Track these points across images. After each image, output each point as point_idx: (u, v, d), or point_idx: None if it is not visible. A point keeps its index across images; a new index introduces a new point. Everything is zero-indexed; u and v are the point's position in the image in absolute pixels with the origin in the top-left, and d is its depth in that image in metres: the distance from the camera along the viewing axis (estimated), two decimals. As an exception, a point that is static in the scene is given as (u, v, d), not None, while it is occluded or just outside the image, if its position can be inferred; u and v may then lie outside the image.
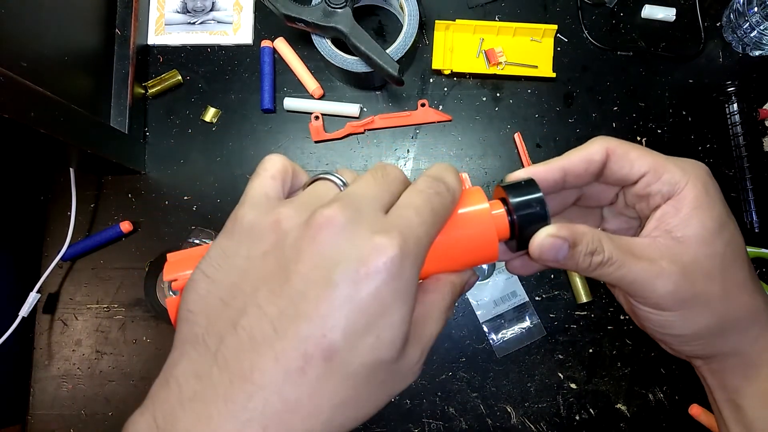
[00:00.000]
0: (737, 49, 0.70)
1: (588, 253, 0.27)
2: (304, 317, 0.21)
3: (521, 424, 0.64)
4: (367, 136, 0.71)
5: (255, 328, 0.21)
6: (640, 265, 0.27)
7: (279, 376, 0.20)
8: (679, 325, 0.28)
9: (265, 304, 0.21)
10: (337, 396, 0.21)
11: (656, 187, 0.29)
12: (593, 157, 0.29)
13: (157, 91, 0.71)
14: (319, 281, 0.21)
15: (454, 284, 0.27)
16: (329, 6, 0.63)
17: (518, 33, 0.70)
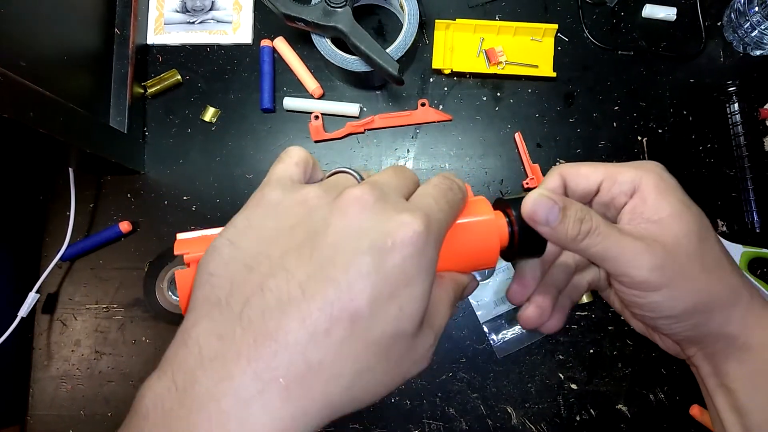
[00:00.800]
0: (738, 49, 0.70)
1: (577, 220, 0.28)
2: (333, 281, 0.21)
3: (522, 425, 0.64)
4: (367, 136, 0.70)
5: (282, 290, 0.21)
6: (627, 238, 0.28)
7: (304, 336, 0.21)
8: (667, 305, 0.29)
9: (293, 268, 0.22)
10: (358, 362, 0.22)
11: (616, 189, 0.30)
12: (551, 187, 0.31)
13: (156, 90, 0.71)
14: (347, 249, 0.22)
15: (457, 283, 0.29)
16: (329, 5, 0.63)
17: (519, 32, 0.70)
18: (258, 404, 0.20)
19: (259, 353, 0.20)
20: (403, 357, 0.24)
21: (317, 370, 0.21)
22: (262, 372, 0.20)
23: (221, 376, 0.20)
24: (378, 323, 0.22)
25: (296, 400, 0.21)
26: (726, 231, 0.66)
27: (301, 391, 0.21)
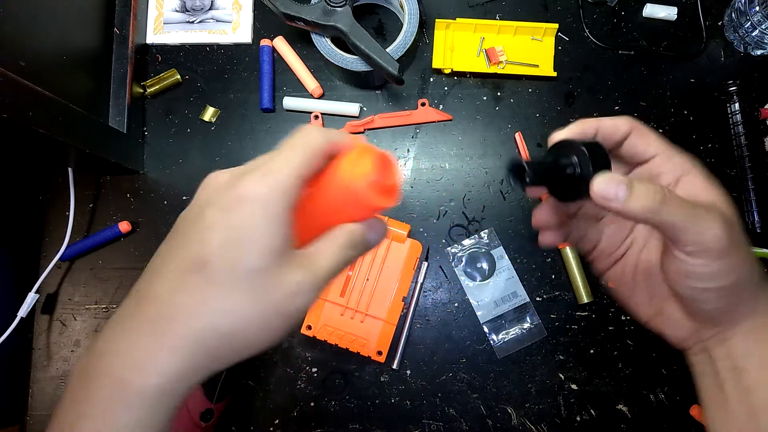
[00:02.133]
0: (739, 49, 0.70)
1: (649, 191, 0.30)
2: (183, 245, 0.29)
3: (522, 425, 0.64)
4: (367, 136, 0.70)
5: (154, 264, 0.30)
6: (699, 207, 0.30)
7: (166, 289, 0.28)
8: (725, 273, 0.31)
9: (167, 247, 0.31)
10: (215, 301, 0.27)
11: (667, 167, 0.34)
12: (620, 126, 0.34)
13: (155, 90, 0.70)
14: (203, 216, 0.29)
15: (346, 231, 0.31)
16: (329, 4, 0.63)
17: (519, 32, 0.69)
18: (137, 340, 0.27)
19: (140, 310, 0.28)
20: (267, 291, 0.28)
21: (178, 312, 0.27)
22: (143, 324, 0.27)
23: (116, 336, 0.28)
24: (227, 265, 0.27)
25: (162, 335, 0.27)
26: (726, 231, 0.66)
27: (167, 328, 0.27)
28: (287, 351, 0.66)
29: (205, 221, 0.28)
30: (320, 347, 0.66)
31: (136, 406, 0.27)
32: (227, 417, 0.64)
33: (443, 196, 0.69)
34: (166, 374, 0.27)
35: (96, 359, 0.28)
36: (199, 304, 0.27)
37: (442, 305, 0.66)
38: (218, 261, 0.27)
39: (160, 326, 0.27)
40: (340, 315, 0.63)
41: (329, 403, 0.65)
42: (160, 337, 0.27)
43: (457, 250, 0.67)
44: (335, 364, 0.65)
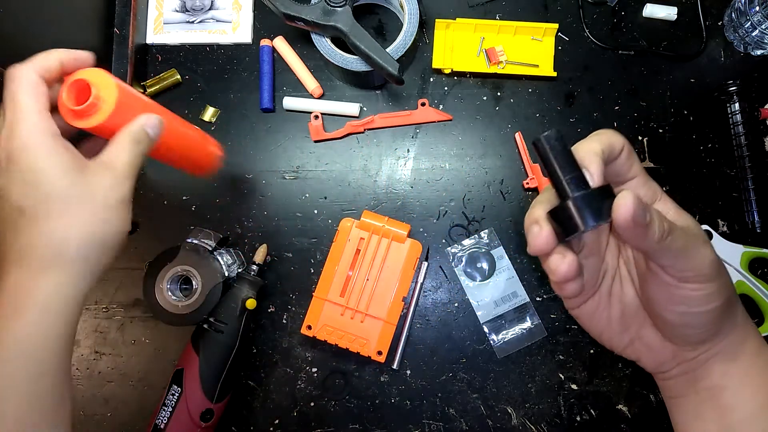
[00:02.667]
0: (739, 49, 0.70)
1: (660, 219, 0.29)
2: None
3: (522, 425, 0.64)
4: (367, 136, 0.70)
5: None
6: (688, 234, 0.30)
7: (9, 242, 0.35)
8: (716, 295, 0.31)
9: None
10: (49, 229, 0.35)
11: (643, 191, 0.34)
12: (615, 145, 0.33)
13: (155, 90, 0.70)
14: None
15: (131, 131, 0.40)
16: (329, 4, 0.63)
17: (519, 32, 0.69)
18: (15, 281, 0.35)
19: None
20: (90, 197, 0.36)
21: (30, 249, 0.35)
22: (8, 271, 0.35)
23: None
24: (39, 199, 0.34)
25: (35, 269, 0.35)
26: (727, 231, 0.66)
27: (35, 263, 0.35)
28: (287, 351, 0.66)
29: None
30: (320, 347, 0.66)
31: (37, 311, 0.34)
32: (227, 417, 0.64)
33: (443, 196, 0.69)
34: (52, 294, 0.34)
35: None
36: (41, 235, 0.34)
37: (442, 305, 0.66)
38: (30, 202, 0.34)
39: (27, 264, 0.34)
40: (340, 315, 0.63)
41: (329, 403, 0.65)
42: (34, 271, 0.34)
43: (457, 250, 0.67)
44: (335, 364, 0.65)
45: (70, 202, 0.35)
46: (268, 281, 0.67)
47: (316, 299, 0.63)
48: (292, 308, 0.67)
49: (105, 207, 0.37)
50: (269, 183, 0.70)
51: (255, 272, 0.63)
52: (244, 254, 0.67)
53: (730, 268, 0.64)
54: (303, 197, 0.69)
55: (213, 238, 0.64)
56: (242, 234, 0.68)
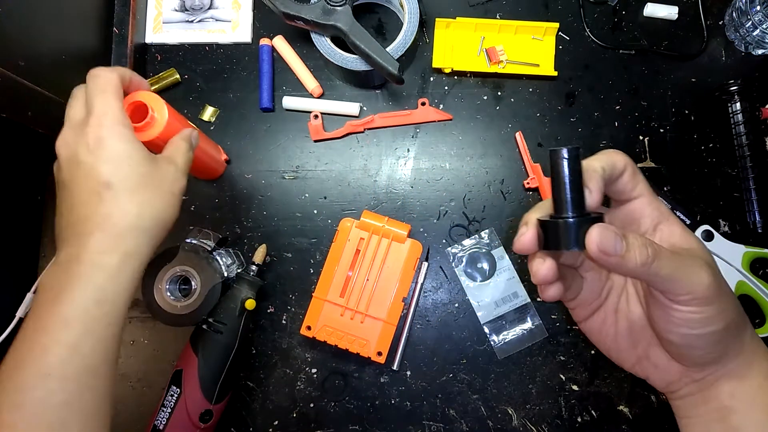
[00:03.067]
0: (740, 48, 0.69)
1: (642, 245, 0.29)
2: (82, 185, 0.43)
3: (522, 426, 0.63)
4: (367, 135, 0.70)
5: (65, 215, 0.44)
6: (686, 257, 0.31)
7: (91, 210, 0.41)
8: (716, 318, 0.31)
9: (67, 203, 0.45)
10: (130, 202, 0.42)
11: (648, 211, 0.34)
12: (617, 164, 0.33)
13: (155, 89, 0.70)
14: (70, 173, 0.44)
15: (184, 136, 0.50)
16: (329, 4, 0.62)
17: (519, 31, 0.69)
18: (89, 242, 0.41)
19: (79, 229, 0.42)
20: (158, 183, 0.44)
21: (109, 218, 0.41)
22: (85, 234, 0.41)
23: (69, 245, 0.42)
24: (125, 177, 0.42)
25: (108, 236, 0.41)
26: (728, 231, 0.66)
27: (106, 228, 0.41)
28: (287, 352, 0.65)
29: (85, 167, 0.41)
30: (320, 348, 0.65)
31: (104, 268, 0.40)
32: (226, 418, 0.64)
33: (443, 196, 0.68)
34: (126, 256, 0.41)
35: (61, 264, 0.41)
36: (121, 207, 0.41)
37: (443, 306, 0.66)
38: (117, 179, 0.41)
39: (109, 229, 0.41)
40: (340, 315, 0.63)
41: (329, 404, 0.64)
42: (113, 236, 0.40)
43: (457, 250, 0.67)
44: (335, 365, 0.65)
45: (147, 184, 0.42)
46: (268, 281, 0.67)
47: (315, 300, 0.63)
48: (292, 309, 0.67)
49: (170, 193, 0.44)
50: (269, 183, 0.69)
51: (254, 272, 0.63)
52: (243, 254, 0.67)
53: (731, 268, 0.64)
54: (302, 197, 0.69)
55: (212, 239, 0.64)
56: (241, 234, 0.68)
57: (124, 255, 0.40)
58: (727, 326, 0.32)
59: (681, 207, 0.65)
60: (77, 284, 0.39)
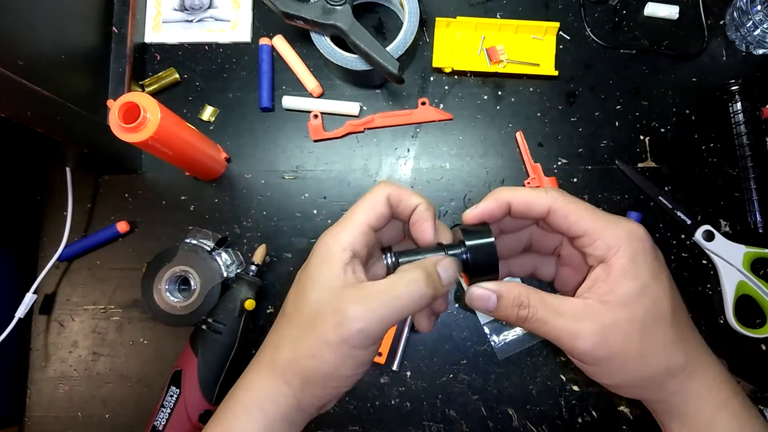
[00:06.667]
0: (741, 48, 0.69)
1: (514, 306, 0.32)
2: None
3: (523, 427, 0.63)
4: (367, 135, 0.70)
5: None
6: (563, 324, 0.31)
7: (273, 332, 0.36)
8: (601, 377, 0.32)
9: None
10: (290, 339, 0.34)
11: (590, 250, 0.32)
12: (534, 207, 0.33)
13: (154, 89, 0.70)
14: None
15: (422, 266, 0.33)
16: (328, 3, 0.62)
17: (520, 30, 0.69)
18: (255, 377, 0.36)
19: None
20: (323, 326, 0.32)
21: (276, 351, 0.34)
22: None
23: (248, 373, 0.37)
24: (295, 308, 0.34)
25: (271, 374, 0.34)
26: (729, 231, 0.66)
27: (271, 367, 0.34)
28: (286, 352, 0.65)
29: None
30: (320, 348, 0.65)
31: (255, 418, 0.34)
32: (226, 418, 0.64)
33: (444, 196, 0.68)
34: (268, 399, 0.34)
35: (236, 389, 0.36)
36: (286, 342, 0.34)
37: (443, 306, 0.66)
38: (289, 307, 0.34)
39: (267, 367, 0.35)
40: (340, 316, 0.63)
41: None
42: (270, 374, 0.34)
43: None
44: (335, 365, 0.65)
45: (309, 325, 0.33)
46: (267, 282, 0.67)
47: (315, 300, 0.63)
48: (292, 309, 0.66)
49: (324, 342, 0.32)
50: (268, 183, 0.69)
51: (254, 273, 0.63)
52: (242, 254, 0.67)
53: (731, 269, 0.64)
54: (302, 197, 0.69)
55: (212, 239, 0.64)
56: (241, 234, 0.68)
57: (260, 393, 0.36)
58: (622, 383, 0.32)
59: (682, 207, 0.65)
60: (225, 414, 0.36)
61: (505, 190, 0.34)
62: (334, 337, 0.31)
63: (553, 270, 0.39)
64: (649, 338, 0.31)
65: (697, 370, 0.33)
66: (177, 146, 0.58)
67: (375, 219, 0.34)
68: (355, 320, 0.30)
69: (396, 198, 0.34)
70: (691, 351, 0.33)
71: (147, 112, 0.51)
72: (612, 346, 0.31)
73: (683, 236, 0.66)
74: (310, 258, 0.34)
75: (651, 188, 0.66)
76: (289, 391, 0.33)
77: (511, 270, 0.40)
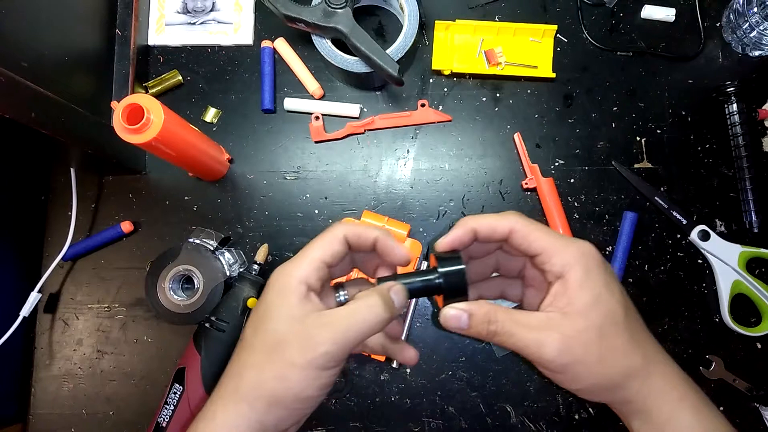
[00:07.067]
0: (737, 50, 0.70)
1: (484, 322, 0.34)
2: None
3: (521, 423, 0.64)
4: (367, 137, 0.71)
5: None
6: (530, 335, 0.34)
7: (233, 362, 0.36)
8: (568, 382, 0.35)
9: None
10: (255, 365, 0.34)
11: (548, 267, 0.35)
12: (497, 229, 0.36)
13: (157, 91, 0.71)
14: None
15: (370, 293, 0.36)
16: (329, 6, 0.63)
17: (518, 33, 0.70)
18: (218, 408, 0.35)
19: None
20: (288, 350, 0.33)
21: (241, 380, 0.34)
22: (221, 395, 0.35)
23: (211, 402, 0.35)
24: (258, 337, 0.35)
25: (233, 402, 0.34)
26: (724, 231, 0.67)
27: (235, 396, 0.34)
28: (288, 350, 0.66)
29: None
30: (321, 346, 0.66)
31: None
32: (228, 415, 0.64)
33: (443, 197, 0.69)
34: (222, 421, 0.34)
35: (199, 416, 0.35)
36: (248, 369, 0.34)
37: (442, 304, 0.67)
38: (249, 338, 0.35)
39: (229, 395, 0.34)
40: (341, 314, 0.63)
41: (329, 401, 0.65)
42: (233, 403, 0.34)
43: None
44: (336, 363, 0.66)
45: (270, 350, 0.34)
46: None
47: (316, 299, 0.64)
48: (293, 307, 0.67)
49: (290, 364, 0.33)
50: (270, 183, 0.70)
51: (256, 272, 0.63)
52: (245, 254, 0.68)
53: (727, 268, 0.64)
54: (304, 197, 0.70)
55: (214, 238, 0.65)
56: (243, 234, 0.69)
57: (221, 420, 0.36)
58: (586, 388, 0.34)
59: (677, 207, 0.66)
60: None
61: (470, 218, 0.37)
62: (300, 359, 0.32)
63: (520, 291, 0.42)
64: (608, 342, 0.34)
65: (655, 369, 0.35)
66: (180, 147, 0.59)
67: (330, 256, 0.36)
68: (320, 344, 0.32)
69: (354, 234, 0.37)
70: (648, 352, 0.35)
71: (150, 113, 0.52)
72: (575, 352, 0.33)
73: (679, 236, 0.67)
74: (266, 291, 0.36)
75: (647, 189, 0.67)
76: (253, 416, 0.33)
77: (482, 293, 0.43)
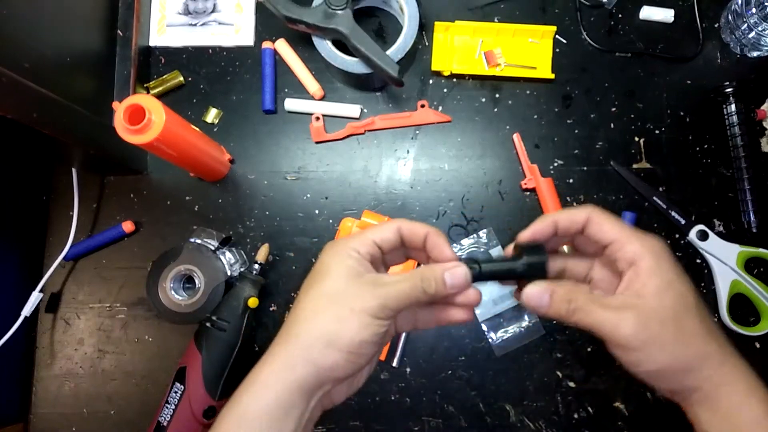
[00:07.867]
0: (735, 50, 0.70)
1: (565, 300, 0.36)
2: None
3: (520, 422, 0.64)
4: (368, 137, 0.71)
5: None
6: (607, 313, 0.35)
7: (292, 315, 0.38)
8: (644, 362, 0.35)
9: None
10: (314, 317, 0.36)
11: (620, 255, 0.37)
12: (576, 219, 0.38)
13: (158, 92, 0.71)
14: None
15: (425, 269, 0.38)
16: (330, 8, 0.63)
17: (517, 34, 0.70)
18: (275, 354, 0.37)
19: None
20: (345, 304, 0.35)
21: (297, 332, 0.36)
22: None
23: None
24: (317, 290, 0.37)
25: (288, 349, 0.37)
26: (723, 231, 0.67)
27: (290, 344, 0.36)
28: (288, 349, 0.66)
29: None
30: (321, 346, 0.66)
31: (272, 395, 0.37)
32: (229, 414, 0.65)
33: (442, 197, 0.69)
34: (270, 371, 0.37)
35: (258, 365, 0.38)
36: (309, 314, 0.36)
37: (442, 304, 0.67)
38: (306, 292, 0.37)
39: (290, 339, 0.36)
40: (341, 314, 0.64)
41: (330, 400, 0.65)
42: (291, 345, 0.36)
43: (456, 249, 0.68)
44: (336, 363, 0.66)
45: (332, 302, 0.36)
46: (270, 280, 0.68)
47: (317, 298, 0.64)
48: (294, 307, 0.67)
49: (348, 309, 0.35)
50: (271, 183, 0.70)
51: (257, 271, 0.64)
52: (246, 254, 0.68)
53: (725, 268, 0.65)
54: (304, 197, 0.70)
55: (216, 238, 0.65)
56: (244, 234, 0.69)
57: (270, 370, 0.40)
58: (660, 370, 0.35)
59: (676, 207, 0.66)
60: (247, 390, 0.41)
61: (548, 217, 0.39)
62: (358, 305, 0.35)
63: (588, 270, 0.42)
64: (683, 324, 0.35)
65: (728, 358, 0.36)
66: (181, 147, 0.59)
67: (381, 239, 0.38)
68: (375, 297, 0.35)
69: (408, 228, 0.39)
70: (721, 340, 0.36)
71: (152, 114, 0.52)
72: (651, 328, 0.34)
73: (677, 236, 0.67)
74: (322, 256, 0.38)
75: (645, 189, 0.67)
76: (309, 356, 0.35)
77: None
